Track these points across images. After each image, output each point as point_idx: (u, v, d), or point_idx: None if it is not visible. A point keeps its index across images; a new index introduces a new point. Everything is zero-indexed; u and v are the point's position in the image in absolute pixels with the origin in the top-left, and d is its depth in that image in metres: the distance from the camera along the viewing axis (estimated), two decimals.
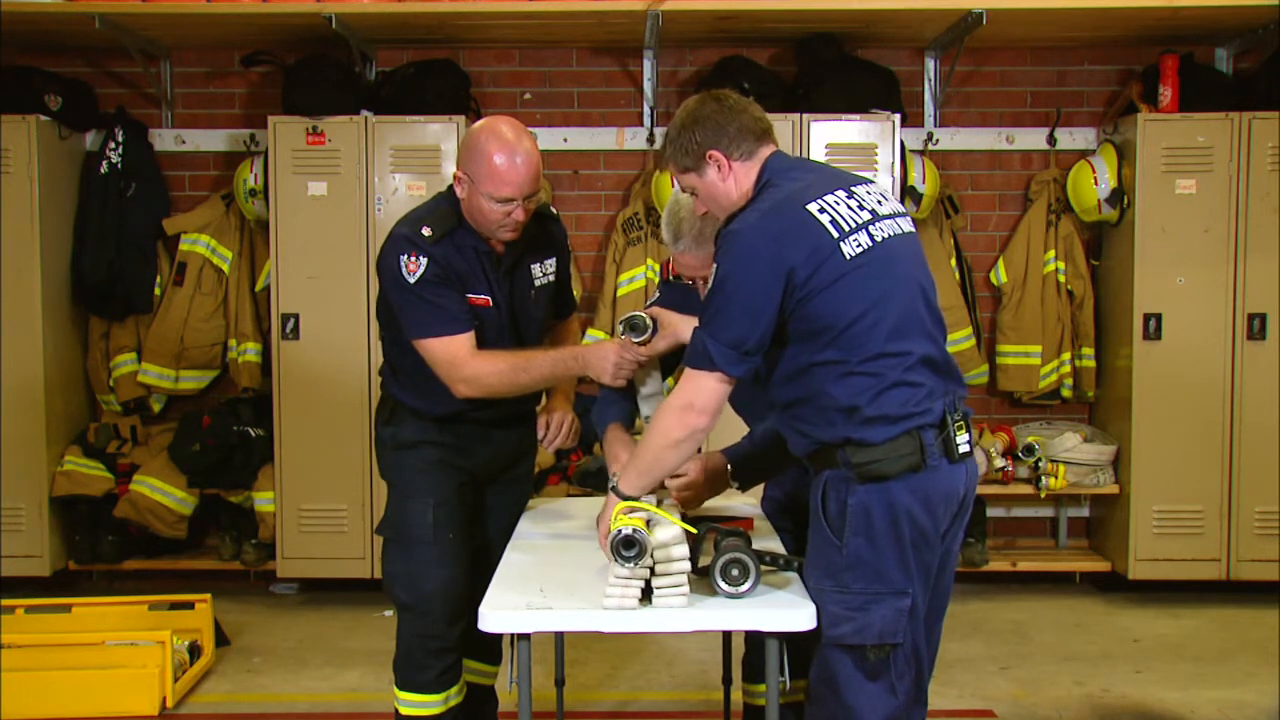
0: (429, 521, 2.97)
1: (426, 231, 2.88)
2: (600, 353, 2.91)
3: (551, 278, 3.13)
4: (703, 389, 2.38)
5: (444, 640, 2.98)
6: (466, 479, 3.07)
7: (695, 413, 2.39)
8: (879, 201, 2.46)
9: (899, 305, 2.37)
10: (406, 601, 2.99)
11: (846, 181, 2.48)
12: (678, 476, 2.84)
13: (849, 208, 2.40)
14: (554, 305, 3.21)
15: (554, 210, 3.22)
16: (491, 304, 2.97)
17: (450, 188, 2.97)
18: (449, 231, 2.90)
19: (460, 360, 2.87)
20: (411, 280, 2.84)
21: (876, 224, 2.40)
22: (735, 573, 2.32)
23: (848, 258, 2.33)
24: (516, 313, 3.04)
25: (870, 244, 2.37)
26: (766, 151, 2.51)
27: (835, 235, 2.34)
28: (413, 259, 2.84)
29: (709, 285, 2.40)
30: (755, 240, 2.34)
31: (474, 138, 2.88)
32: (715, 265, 2.38)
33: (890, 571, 2.34)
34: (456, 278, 2.90)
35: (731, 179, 2.49)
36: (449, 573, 2.97)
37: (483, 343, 2.93)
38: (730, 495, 3.13)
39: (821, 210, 2.37)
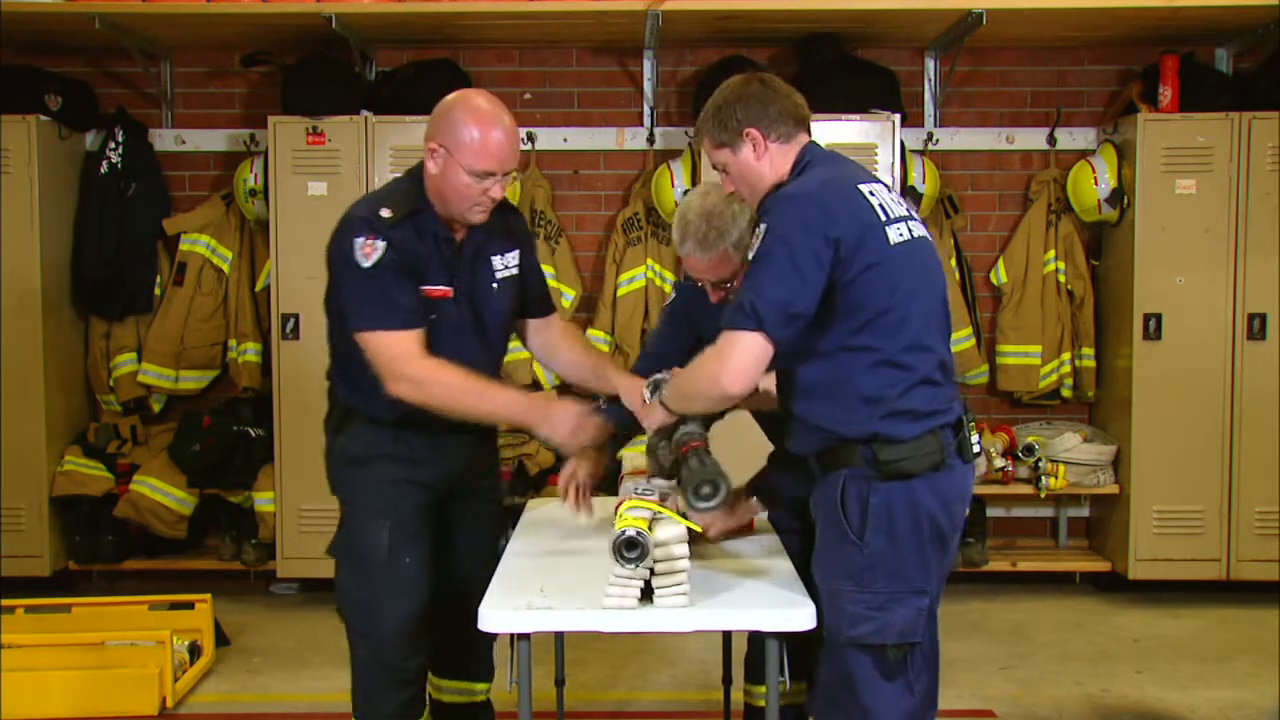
0: (384, 544, 2.76)
1: (385, 213, 2.69)
2: (561, 415, 2.71)
3: (514, 270, 2.92)
4: (739, 351, 2.28)
5: (404, 672, 2.82)
6: (426, 496, 2.85)
7: (728, 378, 2.30)
8: (899, 204, 2.49)
9: (929, 303, 2.41)
10: (362, 630, 2.82)
11: (877, 179, 2.52)
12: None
13: (890, 200, 2.44)
14: (521, 301, 2.99)
15: (513, 204, 3.09)
16: (452, 295, 2.78)
17: (410, 171, 2.81)
18: (409, 214, 2.72)
19: (407, 357, 2.66)
20: (366, 264, 2.64)
21: (911, 221, 2.45)
22: (706, 490, 2.36)
23: (891, 243, 2.36)
24: (478, 305, 2.85)
25: (910, 237, 2.41)
26: (804, 139, 2.54)
27: (883, 219, 2.37)
28: (369, 241, 2.65)
29: (755, 247, 2.34)
30: (808, 205, 2.34)
31: (453, 109, 2.71)
32: (764, 227, 2.34)
33: (911, 570, 2.35)
34: (414, 266, 2.71)
35: (767, 160, 2.49)
36: (407, 602, 2.78)
37: (441, 336, 2.75)
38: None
39: (872, 193, 2.41)
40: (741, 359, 2.28)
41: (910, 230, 2.42)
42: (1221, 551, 5.10)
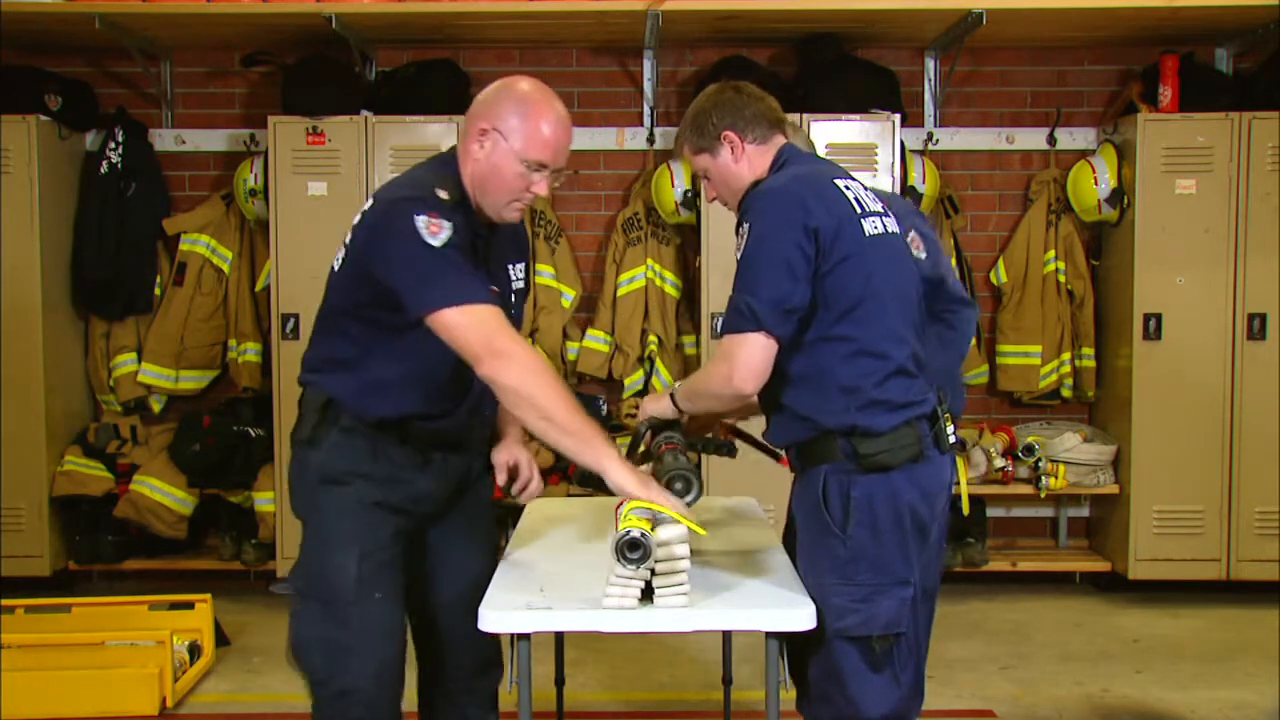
0: (352, 575, 2.45)
1: (443, 194, 2.39)
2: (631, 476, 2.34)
3: (522, 284, 2.73)
4: (745, 352, 2.35)
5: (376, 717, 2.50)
6: (403, 523, 2.55)
7: (740, 378, 2.36)
8: (874, 200, 2.56)
9: (904, 295, 2.47)
10: (324, 676, 2.48)
11: (853, 177, 2.58)
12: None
13: (865, 195, 2.51)
14: None
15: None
16: (499, 295, 2.49)
17: (441, 158, 2.57)
18: (459, 201, 2.44)
19: (502, 330, 2.33)
20: (437, 242, 2.31)
21: (885, 218, 2.51)
22: (679, 487, 2.36)
23: (866, 234, 2.42)
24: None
25: (884, 231, 2.47)
26: (780, 140, 2.59)
27: (858, 211, 2.44)
28: (434, 220, 2.33)
29: (741, 248, 2.40)
30: (785, 200, 2.40)
31: (510, 90, 2.46)
32: (746, 227, 2.40)
33: (893, 562, 2.39)
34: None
35: (745, 161, 2.55)
36: (381, 649, 2.48)
37: None
38: (730, 494, 3.13)
39: (847, 187, 2.47)
40: (749, 359, 2.35)
41: (884, 225, 2.48)
42: (1221, 551, 5.10)
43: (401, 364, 2.47)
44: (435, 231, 2.32)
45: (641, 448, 2.62)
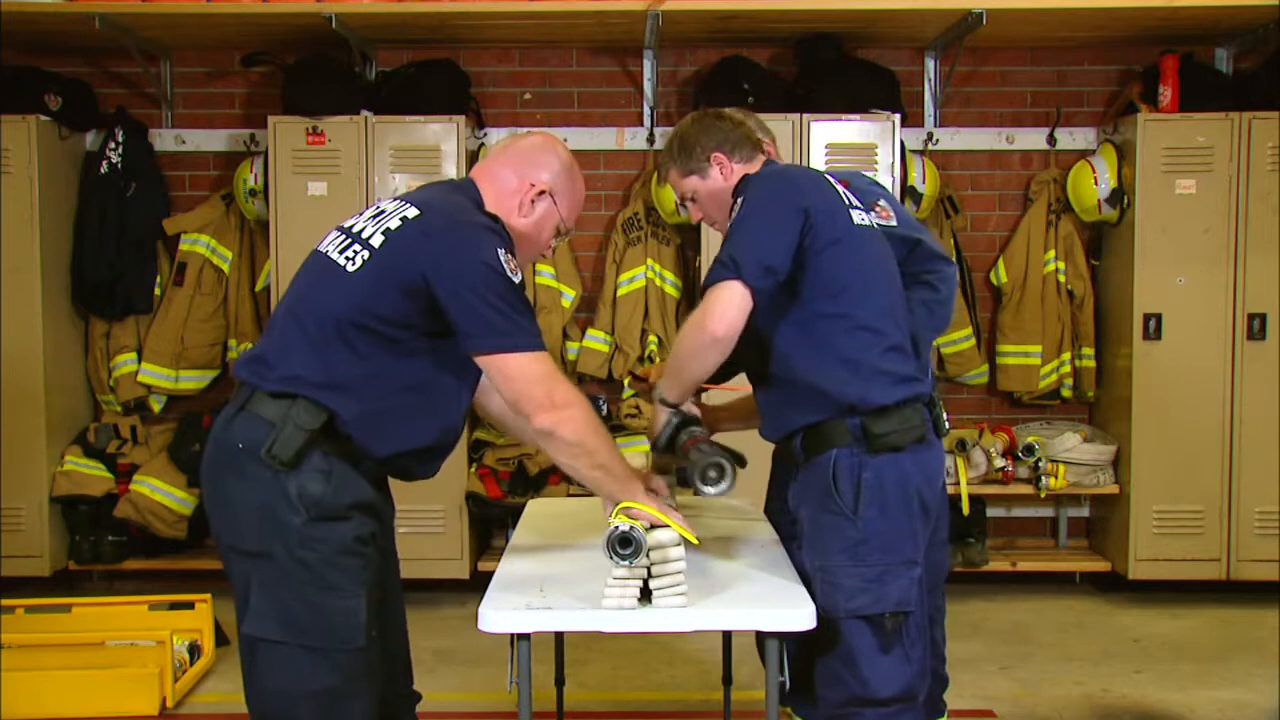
0: (362, 621, 2.26)
1: (507, 232, 2.33)
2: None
3: None
4: (722, 299, 2.40)
5: None
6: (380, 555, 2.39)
7: (713, 320, 2.40)
8: (860, 202, 2.68)
9: (892, 285, 2.58)
10: None
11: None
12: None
13: (853, 196, 2.62)
14: None
15: None
16: None
17: (466, 190, 2.40)
18: None
19: (562, 379, 2.28)
20: (517, 280, 2.24)
21: (868, 213, 2.64)
22: (713, 474, 2.47)
23: (855, 222, 2.53)
24: None
25: (870, 224, 2.60)
26: (762, 159, 2.70)
27: (847, 203, 2.55)
28: (510, 258, 2.24)
29: (731, 223, 2.50)
30: (779, 180, 2.55)
31: (565, 160, 2.46)
32: (740, 201, 2.50)
33: (902, 542, 2.46)
34: None
35: (734, 180, 2.64)
36: (376, 684, 2.34)
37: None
38: (730, 494, 3.12)
39: (836, 182, 2.61)
40: (725, 304, 2.40)
41: (868, 219, 2.60)
42: (1221, 551, 5.10)
43: (414, 395, 2.30)
44: (514, 270, 2.24)
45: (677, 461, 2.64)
